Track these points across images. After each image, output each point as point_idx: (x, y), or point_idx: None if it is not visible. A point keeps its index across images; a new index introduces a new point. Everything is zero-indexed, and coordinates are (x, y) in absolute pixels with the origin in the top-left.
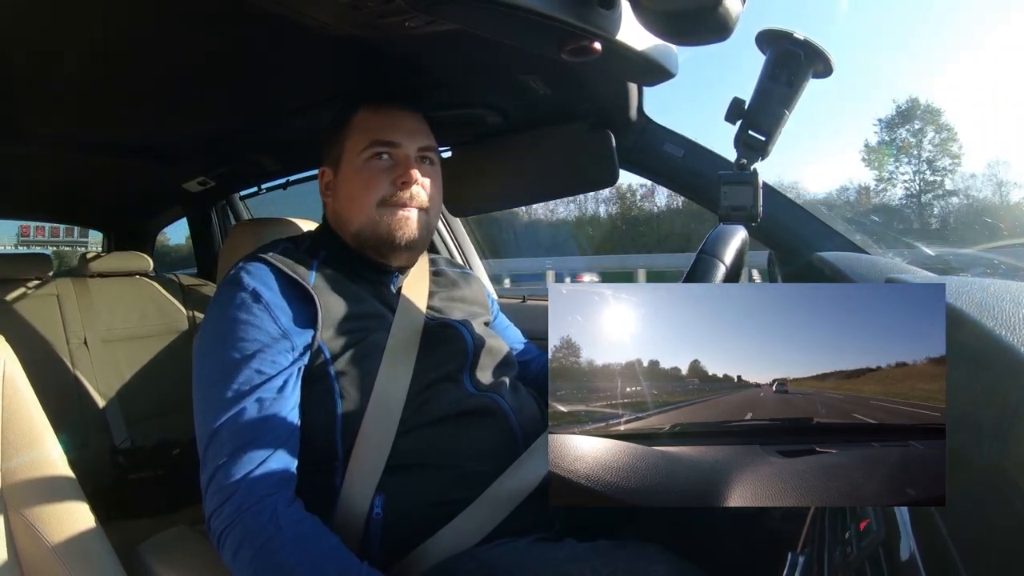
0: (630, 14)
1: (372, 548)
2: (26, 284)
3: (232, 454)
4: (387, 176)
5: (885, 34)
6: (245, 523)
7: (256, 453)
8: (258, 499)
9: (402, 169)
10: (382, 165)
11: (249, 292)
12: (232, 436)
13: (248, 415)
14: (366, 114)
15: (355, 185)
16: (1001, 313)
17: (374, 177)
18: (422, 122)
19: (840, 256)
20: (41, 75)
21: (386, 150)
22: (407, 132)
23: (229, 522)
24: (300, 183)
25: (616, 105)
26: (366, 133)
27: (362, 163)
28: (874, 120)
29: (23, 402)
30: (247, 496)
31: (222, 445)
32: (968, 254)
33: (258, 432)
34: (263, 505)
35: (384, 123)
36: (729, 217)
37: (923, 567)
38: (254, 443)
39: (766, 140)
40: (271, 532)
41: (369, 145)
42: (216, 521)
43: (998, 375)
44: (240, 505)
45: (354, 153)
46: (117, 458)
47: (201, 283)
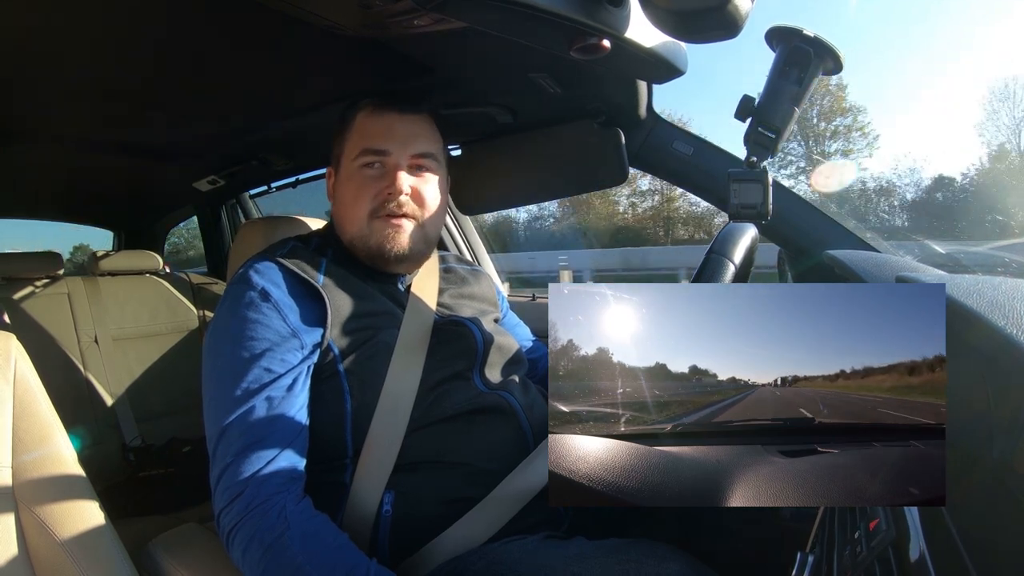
0: (639, 12)
1: (381, 546)
2: (37, 282)
3: (240, 452)
4: (376, 185)
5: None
6: (254, 521)
7: (265, 452)
8: (267, 497)
9: (390, 179)
10: (373, 174)
11: (258, 291)
12: (241, 434)
13: (257, 414)
14: (364, 117)
15: (348, 193)
16: (1012, 312)
17: (364, 186)
18: (423, 126)
19: (850, 254)
20: (52, 75)
21: (377, 159)
22: (400, 139)
23: (238, 520)
24: (309, 182)
25: (625, 103)
26: (360, 139)
27: (355, 170)
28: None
29: (35, 400)
30: (256, 494)
31: (231, 443)
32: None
33: (267, 431)
34: (272, 503)
35: (377, 130)
36: (739, 215)
37: (933, 568)
38: (263, 442)
39: (776, 137)
40: (280, 530)
41: (361, 153)
42: (225, 519)
43: (1009, 374)
44: (249, 503)
45: (349, 159)
46: (128, 456)
47: (211, 281)
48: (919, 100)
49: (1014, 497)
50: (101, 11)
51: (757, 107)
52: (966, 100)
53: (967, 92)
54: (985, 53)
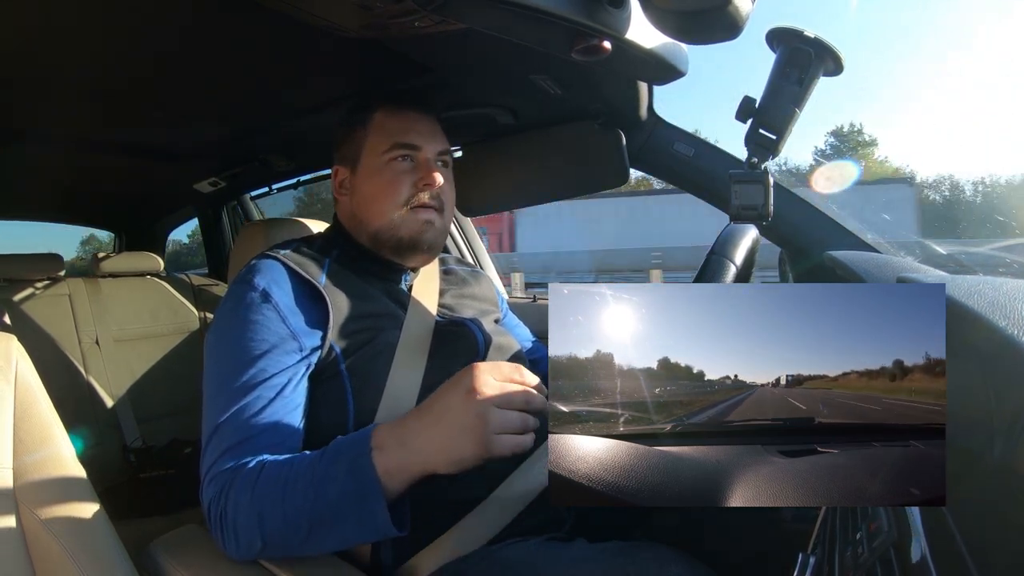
0: (640, 13)
1: (382, 547)
2: (37, 284)
3: (229, 449)
4: (409, 179)
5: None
6: (234, 483)
7: (254, 449)
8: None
9: (424, 172)
10: (404, 167)
11: (259, 292)
12: (232, 433)
13: (248, 413)
14: (385, 115)
15: (376, 186)
16: (1013, 312)
17: (396, 179)
18: (438, 126)
19: (851, 255)
20: (52, 76)
21: (408, 152)
22: (427, 135)
23: (220, 488)
24: (311, 183)
25: (626, 104)
26: (387, 135)
27: (383, 164)
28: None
29: (36, 401)
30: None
31: (221, 441)
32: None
33: (258, 430)
34: (251, 464)
35: (405, 125)
36: (740, 216)
37: (934, 569)
38: (253, 440)
39: (777, 139)
40: (258, 471)
41: (391, 147)
42: (214, 510)
43: (1010, 375)
44: (232, 479)
45: (375, 154)
46: (129, 457)
47: (212, 283)
48: (918, 100)
49: (1015, 497)
50: (102, 11)
51: (758, 108)
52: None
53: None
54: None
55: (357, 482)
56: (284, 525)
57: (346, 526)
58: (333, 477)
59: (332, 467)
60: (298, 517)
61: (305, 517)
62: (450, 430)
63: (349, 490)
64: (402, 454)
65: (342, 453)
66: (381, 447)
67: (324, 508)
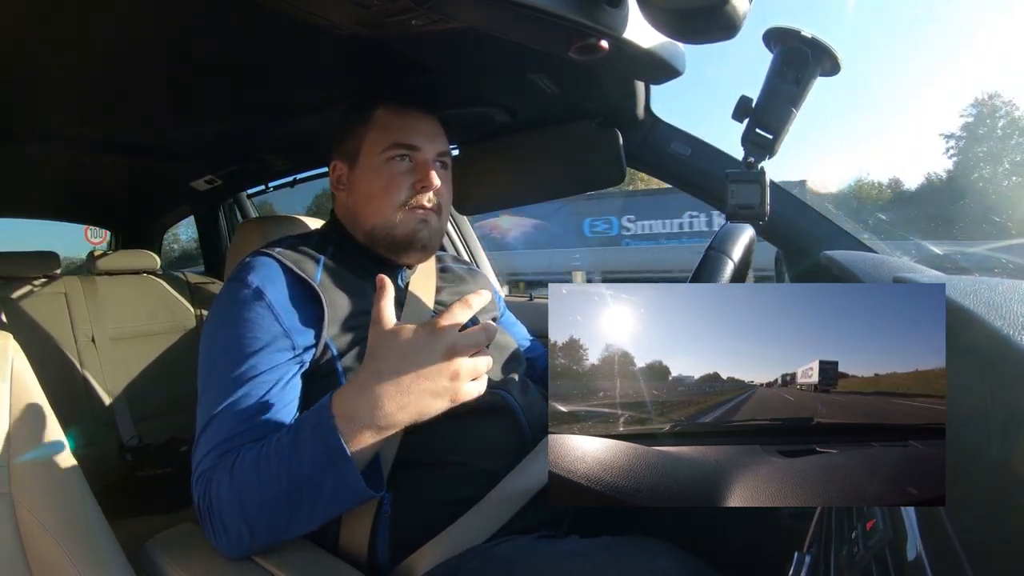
0: (637, 12)
1: (380, 545)
2: (34, 282)
3: (215, 447)
4: (407, 179)
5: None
6: (214, 478)
7: (239, 446)
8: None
9: (422, 173)
10: (402, 167)
11: (252, 289)
12: (219, 430)
13: (235, 410)
14: (386, 113)
15: (374, 184)
16: (1010, 312)
17: (394, 179)
18: (439, 126)
19: (848, 255)
20: (49, 75)
21: (407, 152)
22: (427, 136)
23: (204, 486)
24: (307, 181)
25: (623, 103)
26: (387, 133)
27: (382, 163)
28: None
29: (32, 399)
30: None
31: (209, 439)
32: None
33: (244, 427)
34: (230, 459)
35: (406, 125)
36: (736, 215)
37: (930, 568)
38: (238, 437)
39: (773, 138)
40: (231, 462)
41: (390, 146)
42: (202, 506)
43: (1007, 375)
44: (212, 475)
45: (374, 152)
46: (125, 456)
47: (208, 281)
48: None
49: (1012, 497)
50: (99, 11)
51: (755, 108)
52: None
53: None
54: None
55: (325, 447)
56: (264, 509)
57: (322, 494)
58: (300, 449)
59: (297, 439)
60: (276, 497)
61: (284, 496)
62: (419, 395)
63: (318, 457)
64: (364, 415)
65: (305, 423)
66: (343, 415)
67: (299, 482)
